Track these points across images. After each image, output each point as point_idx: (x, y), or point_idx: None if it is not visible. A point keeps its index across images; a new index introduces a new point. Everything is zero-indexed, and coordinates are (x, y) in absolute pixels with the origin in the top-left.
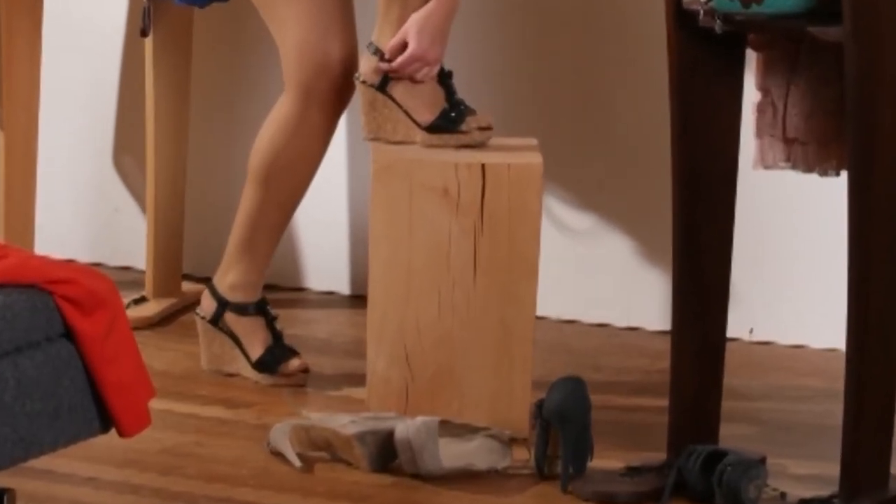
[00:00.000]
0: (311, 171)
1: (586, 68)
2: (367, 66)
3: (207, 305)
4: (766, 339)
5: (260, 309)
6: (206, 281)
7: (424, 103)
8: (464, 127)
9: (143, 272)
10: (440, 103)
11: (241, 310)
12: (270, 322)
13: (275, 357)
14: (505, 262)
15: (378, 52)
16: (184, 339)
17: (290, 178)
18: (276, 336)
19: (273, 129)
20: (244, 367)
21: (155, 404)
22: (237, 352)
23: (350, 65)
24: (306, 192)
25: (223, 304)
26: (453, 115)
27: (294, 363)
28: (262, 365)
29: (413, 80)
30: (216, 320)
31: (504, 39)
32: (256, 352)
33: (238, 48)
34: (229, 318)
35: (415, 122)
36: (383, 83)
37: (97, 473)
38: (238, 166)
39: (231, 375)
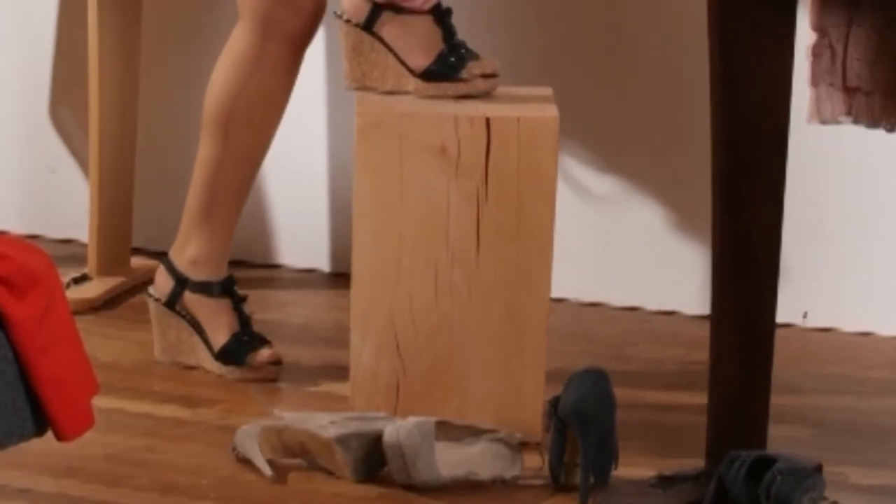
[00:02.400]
0: (275, 116)
1: (609, 4)
2: (350, 0)
3: (163, 284)
4: (824, 325)
5: (226, 289)
6: (161, 256)
7: (418, 45)
8: (465, 74)
9: (85, 245)
10: (437, 46)
11: (203, 289)
12: (237, 304)
13: (242, 346)
14: (514, 234)
15: None
16: (134, 325)
17: (253, 124)
18: (244, 321)
19: (228, 68)
20: (205, 359)
21: (99, 402)
22: (197, 340)
23: None
24: (271, 143)
25: (182, 283)
26: (452, 59)
27: (264, 353)
28: (226, 355)
29: (409, 8)
30: (173, 302)
31: None
32: (220, 339)
33: None
34: (189, 299)
35: (407, 67)
36: (370, 21)
37: (32, 484)
38: (199, 120)
39: (190, 368)
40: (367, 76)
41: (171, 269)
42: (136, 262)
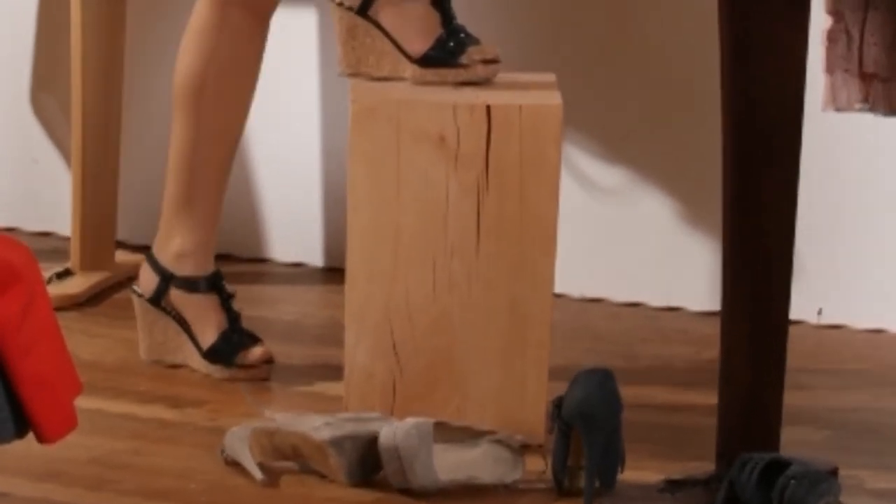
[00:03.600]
0: (246, 89)
1: None
2: None
3: (147, 281)
4: (838, 321)
5: (213, 284)
6: (146, 249)
7: (416, 29)
8: (464, 59)
9: (67, 239)
10: (435, 30)
11: (189, 285)
12: (226, 301)
13: (231, 344)
14: (516, 226)
15: None
16: (118, 322)
17: (224, 98)
18: (233, 318)
19: (192, 43)
20: (192, 357)
21: (83, 403)
22: (184, 338)
23: None
24: (246, 120)
25: (167, 279)
26: (451, 44)
27: (255, 352)
28: (214, 354)
29: None
30: (158, 299)
31: None
32: (208, 338)
33: None
34: (175, 295)
35: (404, 52)
36: (365, 4)
37: (10, 488)
38: None
39: (177, 367)
40: (362, 62)
41: (155, 265)
42: (121, 256)
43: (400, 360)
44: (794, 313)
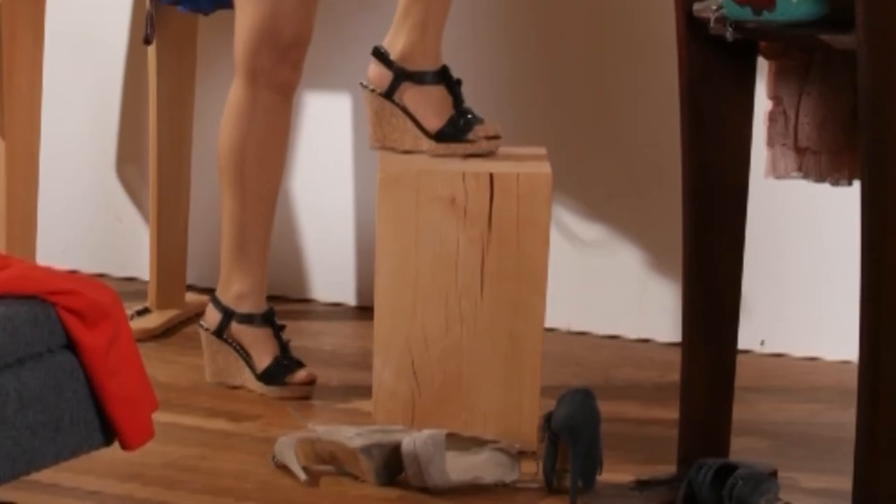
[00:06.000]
0: (281, 156)
1: (596, 76)
2: (374, 71)
3: (212, 317)
4: (778, 350)
5: (267, 319)
6: (210, 291)
7: (433, 109)
8: (471, 135)
9: (145, 283)
10: (448, 110)
11: (247, 320)
12: (277, 333)
13: (282, 367)
14: (513, 272)
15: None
16: (187, 350)
17: (264, 166)
18: (283, 347)
19: (233, 120)
20: (249, 379)
21: (158, 417)
22: (242, 364)
23: (301, 46)
24: (282, 181)
25: (228, 315)
26: (461, 123)
27: (301, 374)
28: (268, 375)
29: None
30: (221, 332)
31: (512, 46)
32: (264, 362)
33: None
34: (235, 329)
35: (422, 129)
36: (391, 90)
37: (101, 487)
38: None
39: (235, 388)
40: (387, 137)
41: (218, 304)
42: (190, 297)
43: (418, 382)
44: (742, 343)
